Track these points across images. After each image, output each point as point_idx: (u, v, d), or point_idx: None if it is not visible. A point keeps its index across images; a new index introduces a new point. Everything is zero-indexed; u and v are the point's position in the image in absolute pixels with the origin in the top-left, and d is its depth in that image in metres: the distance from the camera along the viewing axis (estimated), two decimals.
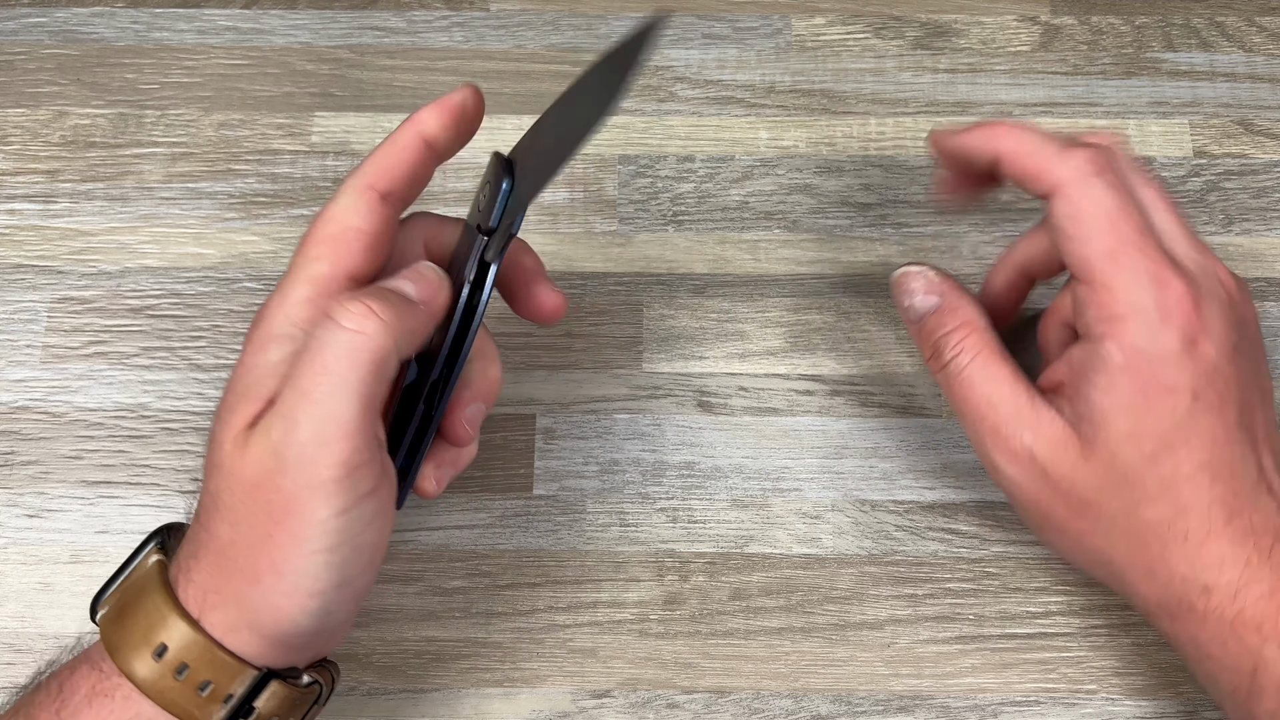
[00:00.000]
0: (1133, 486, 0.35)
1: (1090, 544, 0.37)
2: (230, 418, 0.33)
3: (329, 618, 0.33)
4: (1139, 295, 0.35)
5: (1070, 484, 0.36)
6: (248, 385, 0.33)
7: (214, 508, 0.33)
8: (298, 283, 0.34)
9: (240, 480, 0.32)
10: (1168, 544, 0.35)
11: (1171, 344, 0.35)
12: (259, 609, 0.32)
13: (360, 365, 0.31)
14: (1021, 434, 0.37)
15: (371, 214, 0.34)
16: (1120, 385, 0.35)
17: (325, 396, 0.31)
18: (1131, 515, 0.36)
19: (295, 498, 0.31)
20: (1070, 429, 0.36)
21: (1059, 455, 0.36)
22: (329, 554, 0.31)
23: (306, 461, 0.31)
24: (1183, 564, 0.35)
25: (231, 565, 0.32)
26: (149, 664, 0.32)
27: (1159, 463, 0.35)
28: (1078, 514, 0.36)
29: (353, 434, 0.31)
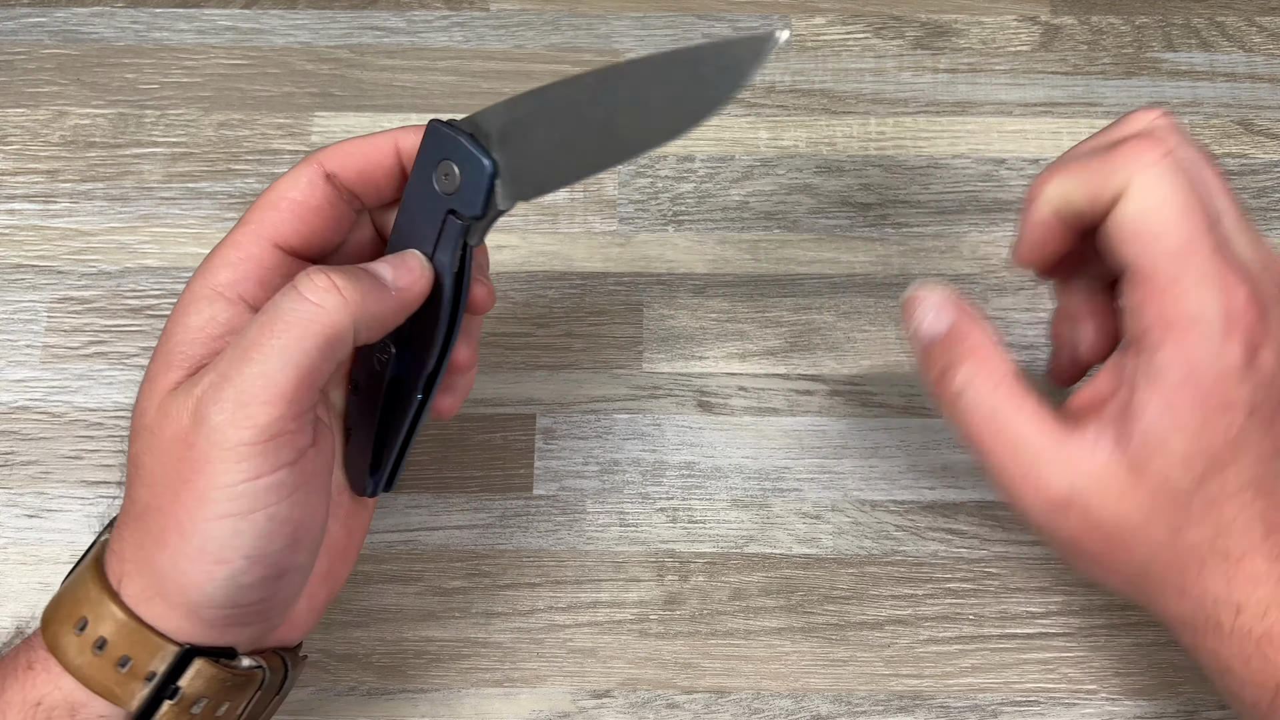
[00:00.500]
0: (1178, 510, 0.33)
1: (1123, 572, 0.34)
2: (151, 383, 0.32)
3: (243, 591, 0.31)
4: (1206, 301, 0.31)
5: (1114, 519, 0.33)
6: (169, 350, 0.32)
7: (135, 473, 0.32)
8: (223, 247, 0.33)
9: (160, 438, 0.31)
10: (1206, 563, 0.33)
11: (1234, 357, 0.32)
12: (165, 575, 0.31)
13: (308, 336, 0.30)
14: (1056, 477, 0.32)
15: (310, 187, 0.34)
16: (1179, 403, 0.32)
17: (261, 358, 0.30)
18: (1174, 540, 0.33)
19: (205, 456, 0.30)
20: (1113, 458, 0.32)
21: (1103, 491, 0.32)
22: (237, 519, 0.30)
23: (224, 421, 0.30)
24: (1218, 583, 0.33)
25: (144, 530, 0.31)
26: (71, 638, 0.31)
27: (1206, 483, 0.32)
28: (1116, 548, 0.33)
29: (278, 400, 0.30)
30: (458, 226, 0.33)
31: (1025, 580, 0.44)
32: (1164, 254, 0.31)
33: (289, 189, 0.34)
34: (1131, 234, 0.32)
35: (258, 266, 0.33)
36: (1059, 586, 0.44)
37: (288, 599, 0.33)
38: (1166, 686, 0.43)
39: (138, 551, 0.31)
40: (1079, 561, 0.35)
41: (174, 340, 0.32)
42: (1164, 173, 0.32)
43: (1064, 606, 0.43)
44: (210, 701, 0.32)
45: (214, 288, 0.33)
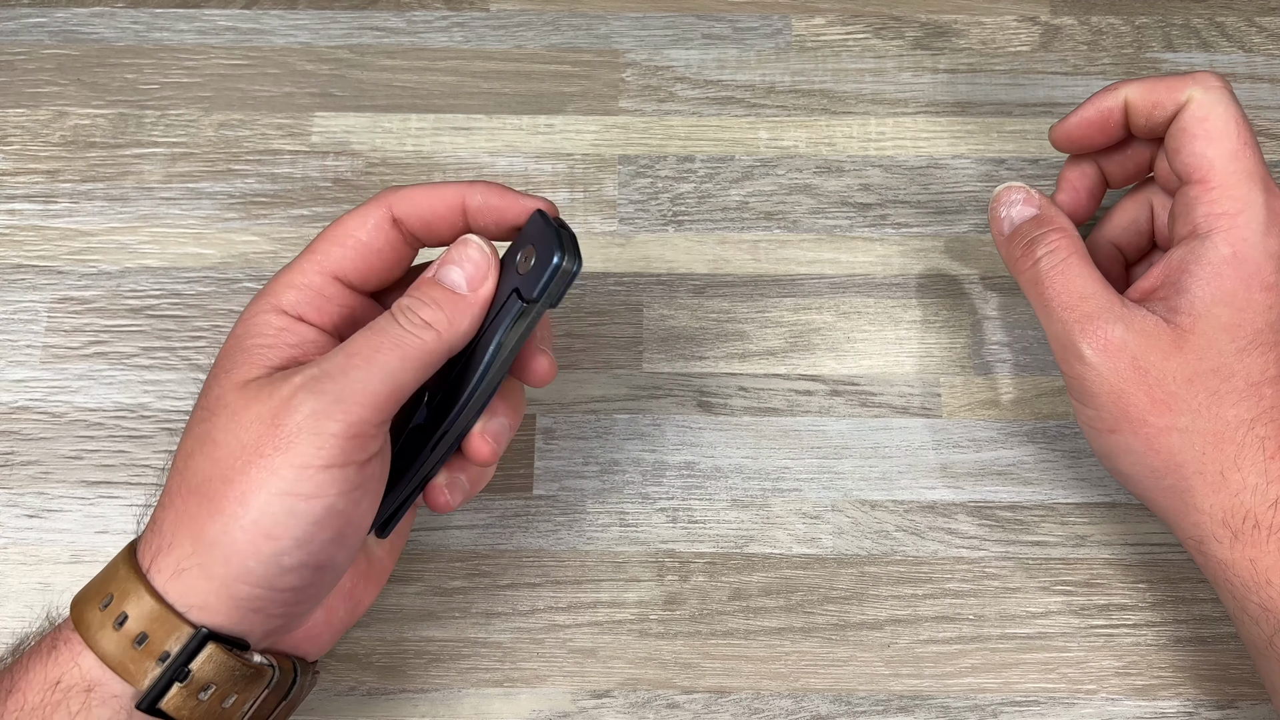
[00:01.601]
0: (1221, 379, 0.37)
1: (1165, 443, 0.37)
2: (233, 372, 0.34)
3: (281, 573, 0.32)
4: (1253, 194, 0.37)
5: (1159, 374, 0.37)
6: (246, 349, 0.34)
7: (198, 447, 0.33)
8: (289, 271, 0.36)
9: (240, 417, 0.32)
10: (1244, 447, 0.37)
11: (1277, 245, 0.37)
12: (213, 541, 0.32)
13: (407, 356, 0.33)
14: (1113, 324, 0.37)
15: (376, 230, 0.36)
16: (1225, 275, 0.37)
17: (365, 366, 0.33)
18: (1214, 411, 0.37)
19: (290, 435, 0.32)
20: (1164, 321, 0.37)
21: (1151, 344, 0.37)
22: (299, 500, 0.31)
23: (318, 410, 0.32)
24: (1255, 471, 0.36)
25: (198, 499, 0.32)
26: (96, 614, 0.32)
27: (1249, 358, 0.37)
28: (1160, 407, 0.37)
29: (369, 405, 0.32)
30: (515, 306, 0.35)
31: (1025, 580, 0.44)
32: (1221, 154, 0.38)
33: (356, 228, 0.36)
34: (1198, 131, 0.38)
35: (317, 295, 0.36)
36: (1059, 586, 0.44)
37: (315, 597, 0.34)
38: (1166, 686, 0.43)
39: (185, 522, 0.32)
40: (1122, 432, 0.38)
41: (249, 340, 0.34)
42: (1222, 94, 0.39)
43: (1064, 606, 0.43)
44: (218, 690, 0.32)
45: (279, 306, 0.35)
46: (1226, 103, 0.38)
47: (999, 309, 0.47)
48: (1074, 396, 0.39)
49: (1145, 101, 0.40)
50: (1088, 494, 0.45)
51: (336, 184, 0.49)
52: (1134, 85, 0.40)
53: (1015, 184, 0.42)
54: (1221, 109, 0.38)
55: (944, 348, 0.47)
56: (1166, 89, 0.39)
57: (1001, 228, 0.41)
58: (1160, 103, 0.40)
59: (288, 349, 0.34)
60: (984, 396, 0.46)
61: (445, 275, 0.35)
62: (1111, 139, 0.42)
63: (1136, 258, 0.44)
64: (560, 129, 0.50)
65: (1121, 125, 0.41)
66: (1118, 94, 0.41)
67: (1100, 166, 0.44)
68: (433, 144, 0.50)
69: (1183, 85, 0.39)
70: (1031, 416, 0.46)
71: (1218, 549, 0.37)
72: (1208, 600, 0.43)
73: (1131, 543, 0.44)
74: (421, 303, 0.34)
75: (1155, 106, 0.40)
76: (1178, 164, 0.39)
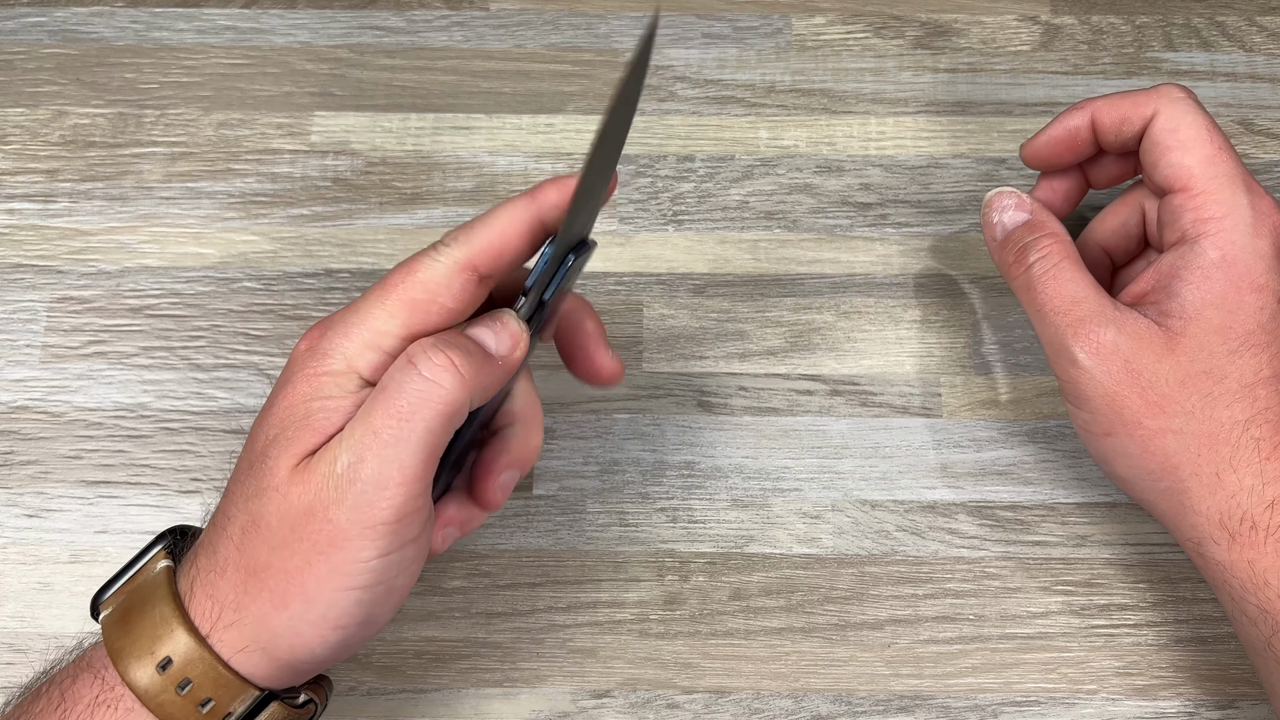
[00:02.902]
0: (1214, 381, 0.37)
1: (1159, 446, 0.37)
2: (288, 445, 0.32)
3: (345, 650, 0.33)
4: (1236, 197, 0.38)
5: (1152, 376, 0.37)
6: (309, 412, 0.32)
7: (253, 528, 0.32)
8: (362, 328, 0.33)
9: (293, 505, 0.32)
10: (1239, 449, 0.37)
11: (1265, 246, 0.37)
12: (278, 633, 0.32)
13: (432, 416, 0.31)
14: (1105, 328, 0.38)
15: (464, 294, 0.33)
16: (1214, 279, 0.37)
17: (394, 439, 0.31)
18: (1208, 413, 0.37)
19: (345, 533, 0.31)
20: (1155, 324, 0.38)
21: (1144, 347, 0.37)
22: (363, 592, 0.32)
23: (365, 500, 0.31)
24: (1250, 473, 0.36)
25: (260, 587, 0.32)
26: (152, 675, 0.32)
27: (1241, 360, 0.37)
28: (1154, 409, 0.37)
29: (412, 481, 0.31)
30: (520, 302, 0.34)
31: (1025, 580, 0.44)
32: (1197, 161, 0.38)
33: (442, 293, 0.33)
34: (1171, 143, 0.38)
35: (391, 358, 0.33)
36: (1059, 586, 0.44)
37: (360, 648, 0.36)
38: (1167, 686, 0.43)
39: (248, 605, 0.32)
40: (1117, 435, 0.38)
41: (315, 404, 0.32)
42: (1188, 105, 0.39)
43: (1064, 606, 0.43)
44: None
45: (354, 368, 0.33)
46: (1194, 112, 0.39)
47: (999, 309, 0.47)
48: (1068, 400, 0.39)
49: (1112, 118, 0.40)
50: (1088, 494, 0.45)
51: (336, 183, 0.49)
52: (1099, 102, 0.41)
53: (1007, 189, 0.42)
54: (1189, 118, 0.39)
55: (944, 348, 0.47)
56: (1132, 104, 0.40)
57: (994, 233, 0.42)
58: (1127, 118, 0.40)
59: (350, 413, 0.32)
60: (984, 396, 0.46)
61: (476, 333, 0.34)
62: (1080, 156, 0.42)
63: (1125, 261, 0.44)
64: (560, 128, 0.50)
65: (1090, 142, 0.42)
66: (1084, 112, 0.41)
67: (1081, 169, 0.44)
68: (432, 143, 0.50)
69: (1148, 99, 0.39)
70: (1032, 416, 0.46)
71: (1215, 551, 0.37)
72: (1208, 600, 0.43)
73: (1132, 543, 0.44)
74: (445, 344, 0.32)
75: (1123, 122, 0.40)
76: (1157, 177, 0.39)
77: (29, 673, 0.39)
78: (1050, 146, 0.42)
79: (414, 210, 0.48)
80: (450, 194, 0.49)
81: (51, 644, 0.43)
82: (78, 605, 0.43)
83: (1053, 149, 0.42)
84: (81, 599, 0.43)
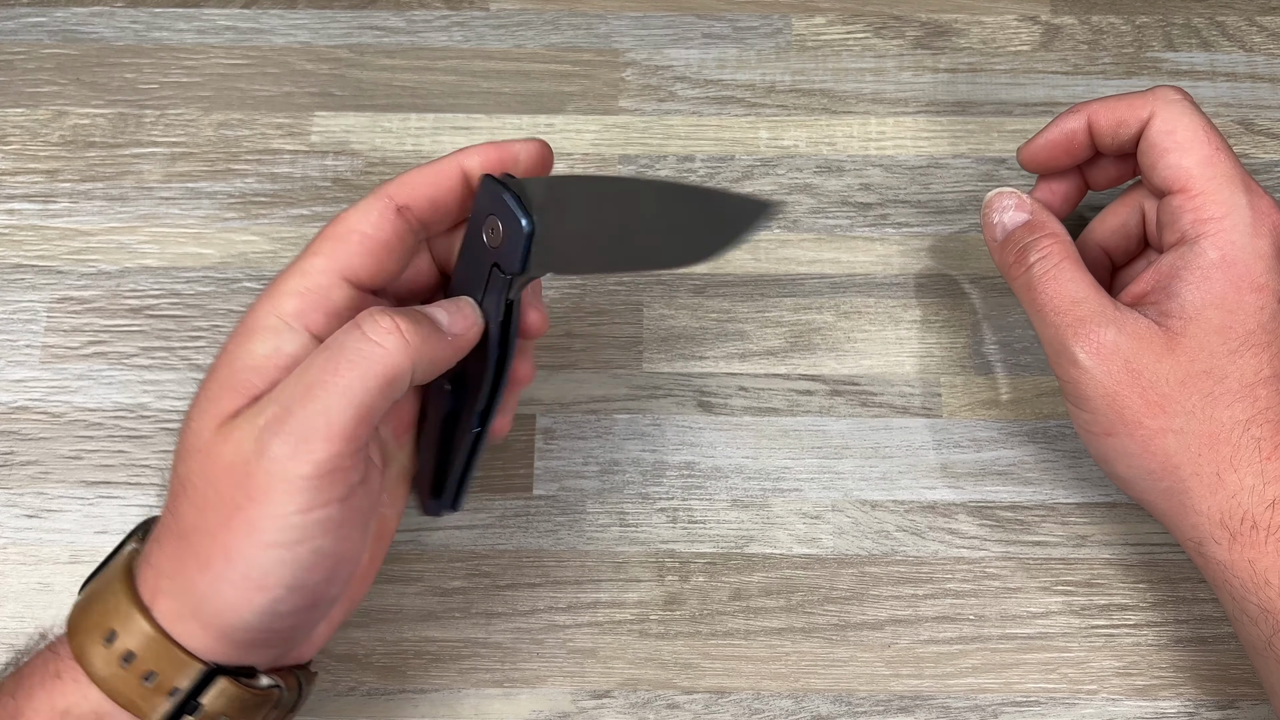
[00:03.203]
0: (1214, 380, 0.37)
1: (1160, 446, 0.37)
2: (212, 405, 0.32)
3: (279, 619, 0.32)
4: (1235, 197, 0.38)
5: (1152, 376, 0.37)
6: (231, 374, 0.33)
7: (182, 492, 0.32)
8: (291, 275, 0.34)
9: (215, 463, 0.31)
10: (1239, 449, 0.37)
11: (1265, 246, 0.37)
12: (204, 596, 0.31)
13: (370, 377, 0.31)
14: (1106, 328, 0.38)
15: (382, 220, 0.34)
16: (1214, 279, 0.37)
17: (325, 395, 0.31)
18: (1208, 413, 0.37)
19: (263, 486, 0.31)
20: (1156, 325, 0.38)
21: (1144, 347, 0.37)
22: (284, 550, 0.31)
23: (285, 454, 0.30)
24: (1251, 472, 0.36)
25: (188, 550, 0.32)
26: (99, 650, 0.32)
27: (1241, 359, 0.37)
28: (1154, 409, 0.37)
29: (338, 438, 0.31)
30: (501, 280, 0.35)
31: (1025, 580, 0.44)
32: (1194, 162, 0.38)
33: (359, 222, 0.34)
34: (1169, 144, 0.38)
35: (324, 298, 0.33)
36: (1059, 586, 0.44)
37: (315, 625, 0.34)
38: (1167, 686, 0.43)
39: (178, 570, 0.32)
40: (1117, 435, 0.38)
41: (238, 365, 0.33)
42: (1184, 106, 0.39)
43: (1064, 606, 0.43)
44: (228, 718, 0.33)
45: (281, 316, 0.33)
46: (1190, 113, 0.39)
47: (999, 309, 0.47)
48: (1069, 401, 0.39)
49: (1108, 121, 0.40)
50: (1088, 494, 0.45)
51: (336, 184, 0.49)
52: (1096, 105, 0.41)
53: (1007, 189, 0.42)
54: (1186, 120, 0.39)
55: (944, 348, 0.47)
56: (1128, 107, 0.40)
57: (994, 233, 0.42)
58: (1124, 121, 0.40)
59: (278, 372, 0.32)
60: (984, 396, 0.46)
61: (428, 309, 0.34)
62: (1078, 159, 0.43)
63: (1124, 261, 0.44)
64: (560, 129, 0.50)
65: (1087, 145, 0.42)
66: (1080, 115, 0.41)
67: (1080, 170, 0.44)
68: (432, 143, 0.50)
69: (1144, 102, 0.40)
70: (1032, 416, 0.46)
71: (1216, 550, 0.37)
72: (1208, 600, 0.43)
73: (1132, 543, 0.44)
74: (394, 310, 0.32)
75: (1119, 125, 0.40)
76: (1155, 179, 0.39)
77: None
78: (1047, 150, 0.42)
79: None
80: None
81: None
82: None
83: (1050, 152, 0.42)
84: None
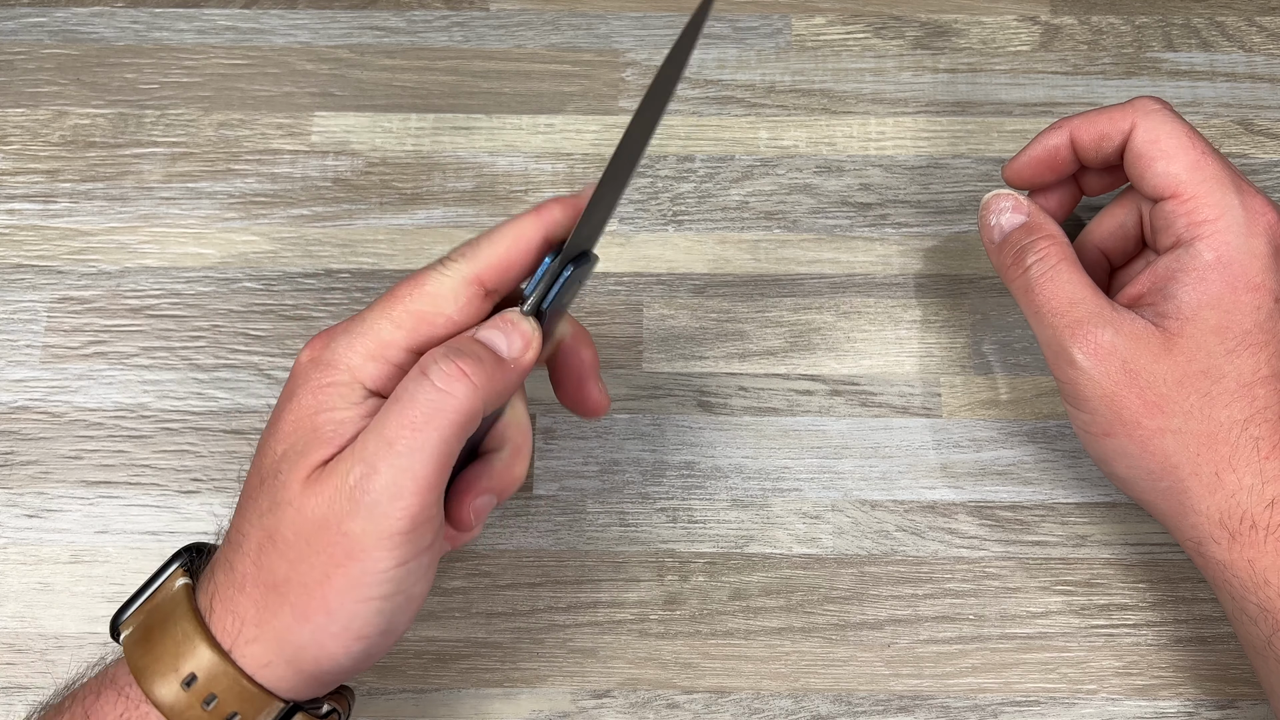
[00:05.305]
0: (1212, 380, 0.37)
1: (1159, 446, 0.37)
2: (299, 459, 0.32)
3: (368, 660, 0.33)
4: (1227, 199, 0.38)
5: (1150, 376, 0.37)
6: (314, 427, 0.32)
7: (269, 543, 0.32)
8: (367, 338, 0.33)
9: (307, 518, 0.32)
10: (1238, 448, 0.37)
11: (1260, 246, 0.38)
12: (302, 646, 0.32)
13: (444, 425, 0.31)
14: (1103, 329, 0.38)
15: (469, 307, 0.34)
16: (1210, 279, 0.37)
17: (408, 450, 0.31)
18: (1206, 412, 0.37)
19: (361, 544, 0.31)
20: (1153, 325, 0.38)
21: (1141, 348, 0.37)
22: (383, 601, 0.32)
23: (379, 511, 0.31)
24: (1250, 472, 0.36)
25: (281, 601, 0.32)
26: (176, 692, 0.32)
27: (1239, 359, 0.37)
28: (1153, 409, 0.37)
29: (425, 490, 0.31)
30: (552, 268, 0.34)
31: (1025, 580, 0.44)
32: (1183, 168, 0.38)
33: (448, 305, 0.33)
34: (1155, 153, 0.39)
35: (399, 371, 0.33)
36: (1059, 586, 0.44)
37: (383, 656, 0.35)
38: (1167, 686, 0.43)
39: (269, 619, 0.32)
40: (1116, 435, 0.38)
41: (321, 419, 0.33)
42: (1165, 115, 0.39)
43: (1064, 606, 0.43)
44: None
45: (360, 379, 0.33)
46: (1171, 121, 0.39)
47: (999, 309, 0.47)
48: (1068, 402, 0.39)
49: (1090, 135, 0.41)
50: (1088, 494, 0.45)
51: (336, 184, 0.49)
52: (1077, 121, 0.41)
53: (1004, 191, 0.42)
54: (1167, 128, 0.39)
55: (944, 348, 0.47)
56: (1109, 120, 0.40)
57: (991, 235, 0.42)
58: (1106, 134, 0.40)
59: (358, 424, 0.33)
60: (984, 396, 0.46)
61: (486, 336, 0.33)
62: (1062, 174, 0.43)
63: (1122, 262, 0.44)
64: (560, 129, 0.50)
65: (1070, 160, 0.42)
66: (1062, 131, 0.41)
67: (1074, 177, 0.44)
68: (432, 143, 0.50)
69: (1124, 114, 0.40)
70: (1032, 416, 0.46)
71: (1216, 550, 0.37)
72: (1208, 600, 0.43)
73: (1132, 543, 0.44)
74: (457, 353, 0.32)
75: (1101, 139, 0.40)
76: (1146, 187, 0.39)
77: (29, 673, 0.39)
78: (1031, 166, 0.43)
79: (414, 210, 0.48)
80: (450, 194, 0.49)
81: (51, 644, 0.43)
82: (78, 605, 0.43)
83: (1034, 169, 0.43)
84: (82, 599, 0.43)
